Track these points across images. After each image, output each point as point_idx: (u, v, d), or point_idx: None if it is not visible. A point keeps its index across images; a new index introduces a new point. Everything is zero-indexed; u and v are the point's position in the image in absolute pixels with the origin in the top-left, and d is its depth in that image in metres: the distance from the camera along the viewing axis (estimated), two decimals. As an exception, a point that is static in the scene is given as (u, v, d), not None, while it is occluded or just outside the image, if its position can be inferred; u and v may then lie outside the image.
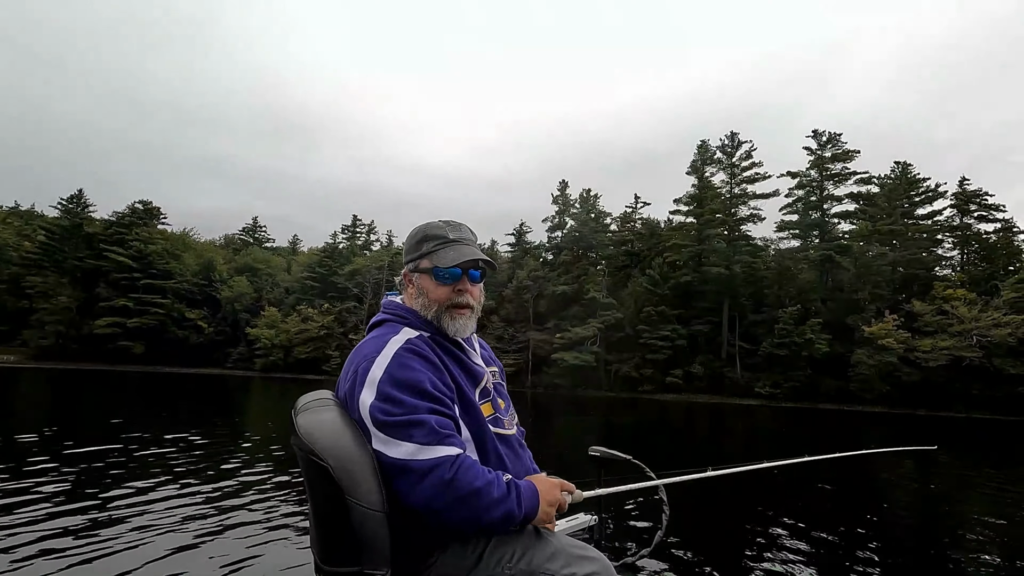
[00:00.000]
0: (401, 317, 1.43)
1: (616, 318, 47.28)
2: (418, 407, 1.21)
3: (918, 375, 35.94)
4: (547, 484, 1.35)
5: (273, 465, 7.66)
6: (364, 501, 1.18)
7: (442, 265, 1.40)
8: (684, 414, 26.12)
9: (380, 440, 1.20)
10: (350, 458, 1.19)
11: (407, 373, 1.25)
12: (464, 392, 1.36)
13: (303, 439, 1.21)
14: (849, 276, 44.87)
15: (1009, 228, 44.67)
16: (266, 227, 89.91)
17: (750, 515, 5.99)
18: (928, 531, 6.18)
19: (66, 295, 58.48)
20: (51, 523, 4.55)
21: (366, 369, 1.27)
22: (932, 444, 4.93)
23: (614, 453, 1.75)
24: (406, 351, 1.29)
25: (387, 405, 1.21)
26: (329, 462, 1.17)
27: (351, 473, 1.18)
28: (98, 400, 19.13)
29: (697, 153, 52.43)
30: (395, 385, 1.23)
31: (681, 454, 11.68)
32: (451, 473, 1.16)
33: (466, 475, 1.18)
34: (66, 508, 5.01)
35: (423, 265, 1.43)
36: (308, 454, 1.19)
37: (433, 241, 1.43)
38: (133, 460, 7.62)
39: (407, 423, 1.19)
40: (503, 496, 1.22)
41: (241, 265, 70.90)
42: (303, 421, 1.25)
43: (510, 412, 1.54)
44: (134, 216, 64.02)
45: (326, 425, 1.24)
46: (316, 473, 1.19)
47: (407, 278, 1.48)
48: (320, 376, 54.63)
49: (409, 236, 1.48)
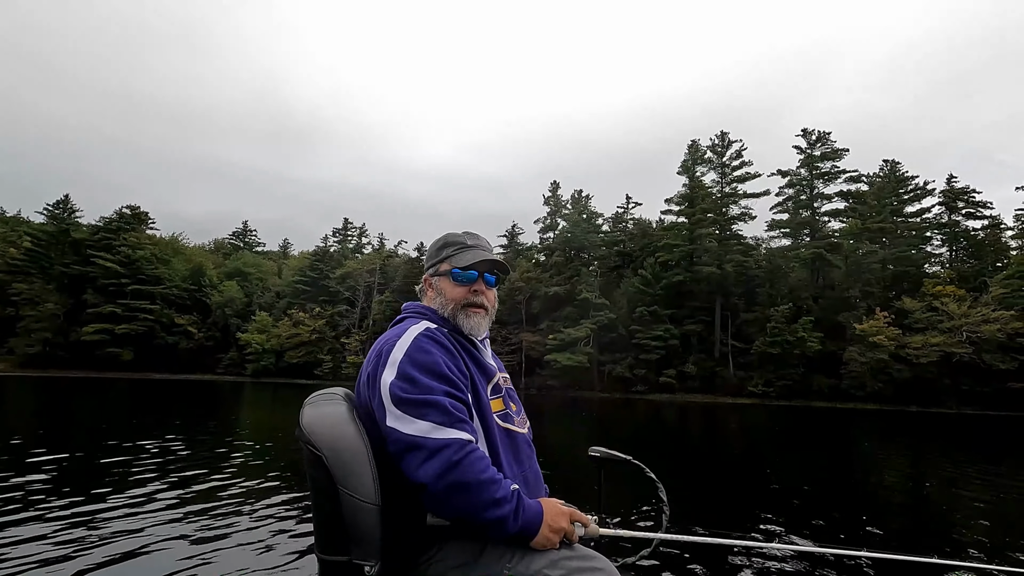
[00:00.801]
0: (420, 313, 1.51)
1: (609, 318, 47.25)
2: (434, 388, 1.26)
3: (909, 372, 36.15)
4: (556, 510, 1.32)
5: (267, 470, 7.55)
6: (356, 492, 1.22)
7: (459, 266, 1.50)
8: (678, 414, 26.06)
9: (395, 416, 1.23)
10: (346, 449, 1.24)
11: (425, 356, 1.31)
12: (476, 384, 1.41)
13: (303, 430, 1.28)
14: (840, 274, 45.14)
15: (996, 225, 45.14)
16: (256, 231, 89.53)
17: (750, 515, 6.00)
18: (922, 531, 6.11)
19: (53, 302, 57.75)
20: (34, 527, 4.48)
21: (388, 351, 1.33)
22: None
23: (614, 454, 1.75)
24: (425, 337, 1.36)
25: (406, 383, 1.26)
26: (324, 452, 1.23)
27: (345, 464, 1.23)
28: (87, 407, 18.80)
29: (688, 153, 52.60)
30: (414, 365, 1.29)
31: (679, 456, 11.57)
32: (459, 456, 1.19)
33: (473, 464, 1.20)
34: (54, 515, 4.90)
35: (442, 268, 1.54)
36: (306, 444, 1.26)
37: (452, 247, 1.55)
38: (123, 466, 7.44)
39: (423, 402, 1.23)
40: (503, 499, 1.22)
41: (231, 270, 70.31)
42: (306, 413, 1.31)
43: (521, 415, 1.57)
44: (122, 221, 63.28)
45: (326, 418, 1.30)
46: (312, 462, 1.25)
47: (427, 282, 1.58)
48: (312, 380, 54.24)
49: (431, 245, 1.61)
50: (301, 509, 5.43)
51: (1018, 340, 33.54)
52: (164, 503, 5.48)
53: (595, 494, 1.72)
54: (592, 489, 1.74)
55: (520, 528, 1.22)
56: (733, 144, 50.92)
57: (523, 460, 1.46)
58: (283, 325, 58.47)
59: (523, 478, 1.42)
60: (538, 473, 1.52)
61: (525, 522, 1.23)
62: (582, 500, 1.66)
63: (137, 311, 59.18)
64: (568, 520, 1.31)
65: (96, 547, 4.10)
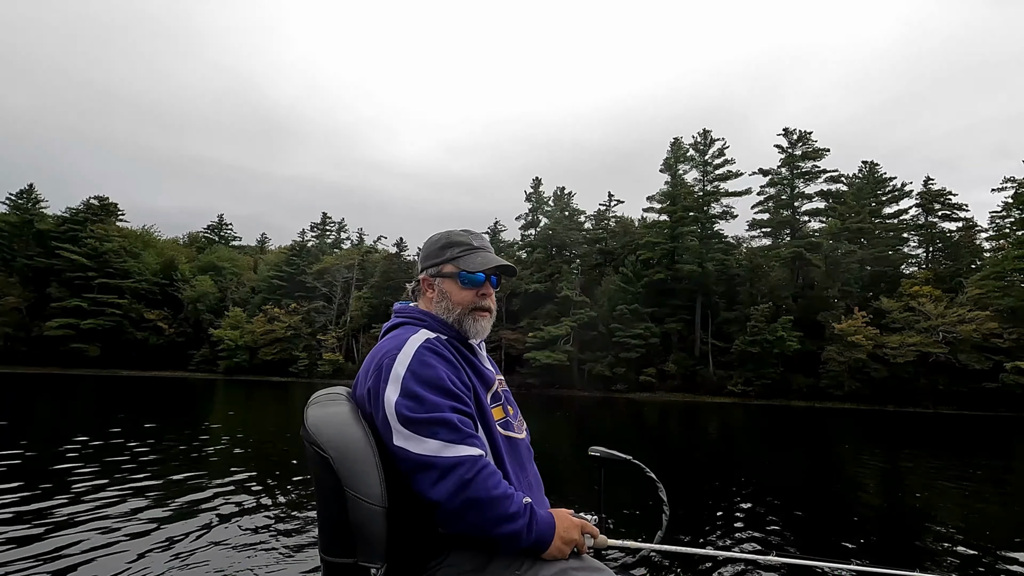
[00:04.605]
0: (418, 320, 1.44)
1: (589, 316, 46.87)
2: (441, 405, 1.24)
3: (886, 371, 36.30)
4: (567, 522, 1.31)
5: (243, 470, 7.40)
6: (363, 494, 1.20)
7: (469, 270, 1.45)
8: (659, 413, 25.70)
9: (403, 436, 1.22)
10: (353, 451, 1.21)
11: (429, 371, 1.27)
12: (478, 395, 1.39)
13: (309, 431, 1.25)
14: (819, 274, 45.33)
15: (971, 227, 45.72)
16: (232, 225, 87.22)
17: (750, 515, 6.09)
18: (914, 531, 5.82)
19: (15, 295, 55.55)
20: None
21: (389, 366, 1.28)
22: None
23: (614, 453, 1.75)
24: (426, 349, 1.31)
25: (412, 402, 1.23)
26: (331, 453, 1.21)
27: (352, 466, 1.20)
28: (49, 405, 17.83)
29: (670, 151, 52.40)
30: (418, 382, 1.25)
31: (661, 457, 11.04)
32: (471, 473, 1.18)
33: (486, 480, 1.20)
34: (18, 523, 4.72)
35: (447, 270, 1.47)
36: (312, 445, 1.24)
37: (458, 247, 1.49)
38: (91, 470, 7.01)
39: (432, 420, 1.21)
40: (517, 513, 1.22)
41: (205, 264, 68.22)
42: (311, 413, 1.29)
43: (519, 418, 1.55)
44: (89, 212, 61.13)
45: (332, 418, 1.27)
46: (318, 464, 1.23)
47: (426, 283, 1.51)
48: (287, 378, 53.07)
49: (429, 242, 1.53)
50: (288, 508, 5.48)
51: (993, 340, 33.81)
52: (138, 507, 5.35)
53: (595, 494, 1.74)
54: (592, 489, 1.75)
55: (533, 541, 1.23)
56: (715, 142, 50.82)
57: (525, 466, 1.45)
58: (257, 321, 56.97)
59: (527, 484, 1.42)
60: (538, 477, 1.52)
61: (538, 535, 1.23)
62: (576, 500, 1.38)
63: (104, 305, 57.26)
64: (579, 532, 1.32)
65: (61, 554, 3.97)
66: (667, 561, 4.23)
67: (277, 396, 26.94)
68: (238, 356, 56.29)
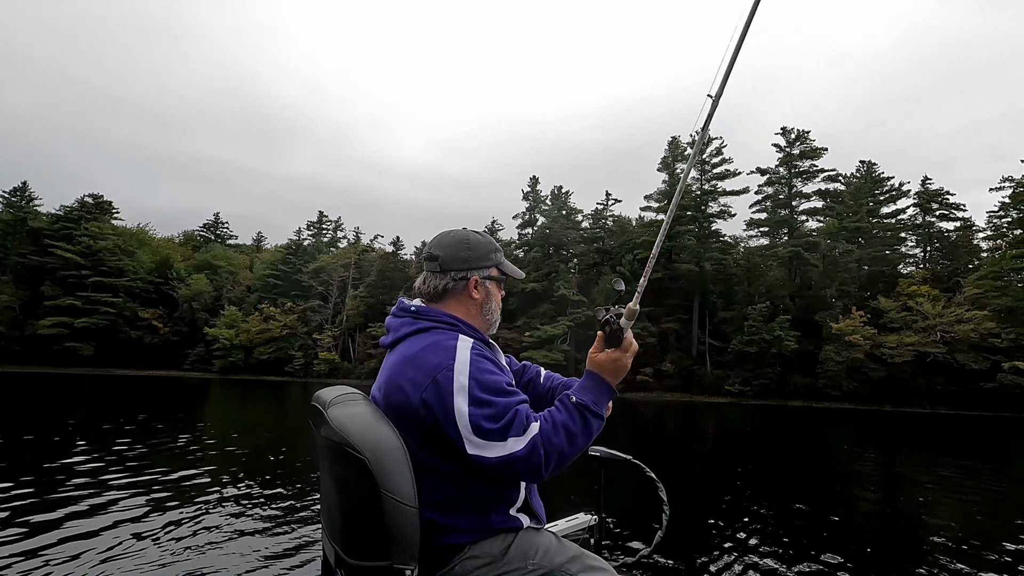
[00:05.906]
0: (450, 325, 1.42)
1: (586, 316, 46.65)
2: (509, 404, 1.27)
3: (884, 371, 36.21)
4: (612, 368, 1.46)
5: (238, 470, 7.43)
6: (398, 495, 1.18)
7: (515, 276, 1.59)
8: (655, 413, 25.53)
9: (477, 446, 1.24)
10: (386, 451, 1.20)
11: (489, 376, 1.30)
12: None
13: (338, 431, 1.22)
14: (817, 273, 45.21)
15: (969, 227, 45.64)
16: (228, 223, 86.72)
17: (750, 515, 6.09)
18: (910, 531, 5.83)
19: (8, 294, 55.18)
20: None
21: (449, 378, 1.27)
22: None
23: (614, 453, 1.76)
24: (476, 355, 1.33)
25: (484, 409, 1.25)
26: (366, 455, 1.18)
27: (385, 466, 1.19)
28: (42, 405, 17.64)
29: (668, 149, 52.25)
30: (484, 389, 1.27)
31: (660, 457, 10.87)
32: (544, 447, 1.24)
33: (557, 440, 1.26)
34: (13, 523, 4.71)
35: (494, 273, 1.53)
36: (344, 447, 1.20)
37: (500, 252, 1.56)
38: (85, 469, 7.00)
39: (506, 424, 1.24)
40: (592, 430, 1.33)
41: (200, 262, 67.85)
42: (336, 414, 1.26)
43: None
44: (83, 210, 60.68)
45: (359, 418, 1.25)
46: (350, 466, 1.20)
47: (473, 282, 1.49)
48: (282, 377, 52.81)
49: (476, 242, 1.52)
50: (287, 508, 5.46)
51: (991, 340, 33.73)
52: (133, 506, 5.32)
53: (595, 494, 1.75)
54: (592, 489, 1.77)
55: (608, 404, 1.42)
56: (713, 141, 50.67)
57: None
58: (253, 320, 56.65)
59: None
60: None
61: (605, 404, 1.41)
62: (576, 500, 1.47)
63: (98, 304, 56.88)
64: (619, 361, 1.46)
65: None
66: (668, 562, 4.27)
67: (273, 396, 26.75)
68: (233, 355, 55.98)
